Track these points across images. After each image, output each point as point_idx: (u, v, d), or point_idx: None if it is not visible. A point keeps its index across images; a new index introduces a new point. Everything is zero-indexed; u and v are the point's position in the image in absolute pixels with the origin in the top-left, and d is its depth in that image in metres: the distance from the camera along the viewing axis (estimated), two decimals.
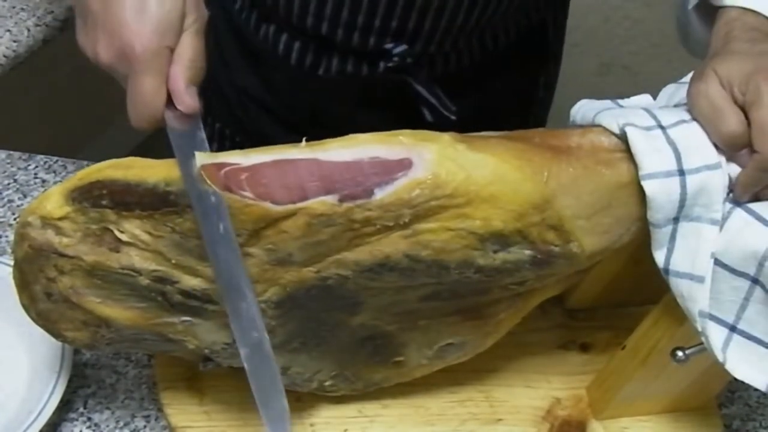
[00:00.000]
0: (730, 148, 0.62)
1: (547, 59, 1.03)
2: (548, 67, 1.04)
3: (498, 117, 0.94)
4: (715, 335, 0.64)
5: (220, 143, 1.01)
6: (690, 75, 0.67)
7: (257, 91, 0.97)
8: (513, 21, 0.94)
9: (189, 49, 0.62)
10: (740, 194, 0.63)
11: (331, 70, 0.91)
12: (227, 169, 0.58)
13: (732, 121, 0.62)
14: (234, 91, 0.98)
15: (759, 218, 0.62)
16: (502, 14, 0.90)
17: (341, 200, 0.59)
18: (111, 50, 0.61)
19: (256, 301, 0.59)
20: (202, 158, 0.58)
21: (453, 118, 0.88)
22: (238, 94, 0.98)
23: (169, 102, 0.61)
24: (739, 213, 0.63)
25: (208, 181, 0.56)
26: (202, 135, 0.61)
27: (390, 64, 0.88)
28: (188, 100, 0.61)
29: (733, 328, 0.64)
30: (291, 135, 0.62)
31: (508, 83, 0.99)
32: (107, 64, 0.62)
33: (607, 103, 0.69)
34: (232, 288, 0.59)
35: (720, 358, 0.64)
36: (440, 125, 0.81)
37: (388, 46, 0.87)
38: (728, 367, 0.64)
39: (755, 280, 0.62)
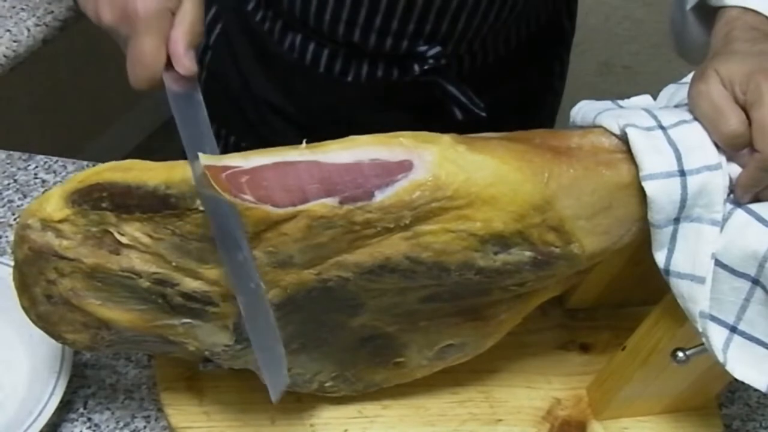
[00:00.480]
0: (732, 148, 0.62)
1: (561, 48, 1.04)
2: (562, 55, 1.05)
3: (520, 109, 0.95)
4: (716, 336, 0.64)
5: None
6: (690, 75, 0.67)
7: (277, 99, 0.96)
8: (534, 14, 0.95)
9: (189, 14, 0.63)
10: (741, 195, 0.63)
11: (361, 75, 0.91)
12: (228, 172, 0.58)
13: (733, 121, 0.61)
14: (251, 102, 0.98)
15: (759, 219, 0.62)
16: (526, 8, 0.90)
17: (341, 202, 0.59)
18: (113, 11, 0.63)
19: (250, 252, 0.59)
20: (205, 161, 0.58)
21: (483, 114, 0.89)
22: (256, 105, 0.98)
23: (168, 64, 0.62)
24: (739, 213, 0.63)
25: (213, 184, 0.56)
26: (199, 97, 0.63)
27: (426, 67, 0.88)
28: (187, 62, 0.62)
29: (733, 329, 0.64)
30: (313, 142, 0.63)
31: (528, 75, 1.00)
32: (109, 25, 0.63)
33: (608, 103, 0.69)
34: (228, 239, 0.59)
35: (720, 358, 0.64)
36: (470, 123, 0.82)
37: (422, 48, 0.88)
38: (728, 367, 0.64)
39: (756, 281, 0.62)
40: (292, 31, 0.91)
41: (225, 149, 1.00)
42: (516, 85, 0.99)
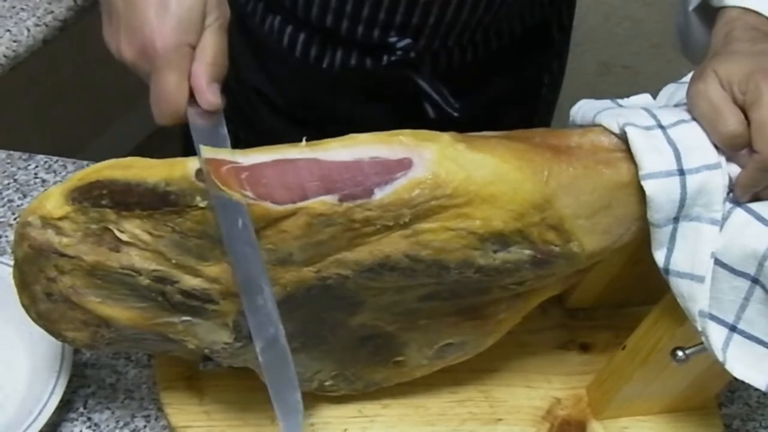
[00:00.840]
0: (730, 148, 0.62)
1: (550, 57, 1.03)
2: (552, 65, 1.04)
3: (500, 115, 0.95)
4: (715, 335, 0.64)
5: None
6: (690, 75, 0.67)
7: (265, 86, 0.97)
8: (517, 18, 0.94)
9: (210, 47, 0.63)
10: (740, 195, 0.63)
11: (335, 63, 0.91)
12: (227, 167, 0.58)
13: (731, 122, 0.62)
14: (241, 88, 0.98)
15: (759, 218, 0.62)
16: (507, 11, 0.90)
17: (341, 200, 0.59)
18: (133, 47, 0.62)
19: (272, 296, 0.59)
20: (207, 154, 0.58)
21: (455, 114, 0.89)
22: (245, 91, 0.98)
23: (192, 99, 0.61)
24: (739, 212, 0.63)
25: (218, 183, 0.56)
26: (224, 132, 0.62)
27: (393, 58, 0.88)
28: (210, 97, 0.61)
29: (733, 328, 0.64)
30: (296, 130, 0.62)
31: (511, 81, 0.99)
32: (130, 61, 0.63)
33: (607, 102, 0.69)
34: (249, 282, 0.59)
35: (720, 357, 0.64)
36: (443, 122, 0.81)
37: (392, 39, 0.88)
38: (728, 366, 0.64)
39: (755, 280, 0.62)
40: (272, 13, 0.91)
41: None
42: (497, 90, 0.98)
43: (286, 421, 0.62)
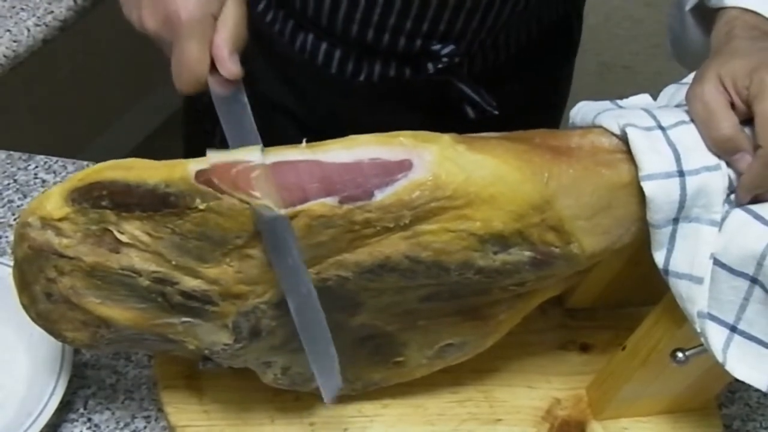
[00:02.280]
0: (722, 152, 0.62)
1: (568, 51, 1.04)
2: (570, 58, 1.05)
3: (529, 109, 0.95)
4: (715, 336, 0.64)
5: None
6: (691, 75, 0.67)
7: (287, 101, 0.96)
8: (546, 12, 0.95)
9: (232, 17, 0.63)
10: (743, 195, 0.63)
11: (374, 75, 0.91)
12: (238, 168, 0.58)
13: (724, 125, 0.62)
14: (257, 103, 0.98)
15: (758, 218, 0.62)
16: (535, 6, 0.90)
17: (341, 202, 0.59)
18: (156, 18, 0.63)
19: (301, 258, 0.60)
20: (214, 158, 0.58)
21: (495, 112, 0.89)
22: (262, 106, 0.98)
23: (213, 68, 0.62)
24: (737, 213, 0.63)
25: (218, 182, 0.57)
26: (245, 99, 0.63)
27: (440, 65, 0.88)
28: (231, 66, 0.62)
29: (733, 329, 0.64)
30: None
31: (537, 75, 1.00)
32: (153, 31, 0.64)
33: (607, 104, 0.69)
34: (278, 246, 0.60)
35: (720, 358, 0.64)
36: (482, 121, 0.82)
37: (436, 47, 0.88)
38: (728, 367, 0.64)
39: (754, 280, 0.62)
40: (304, 32, 0.91)
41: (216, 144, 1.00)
42: (525, 84, 0.98)
43: (324, 377, 0.63)
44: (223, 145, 0.62)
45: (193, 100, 1.02)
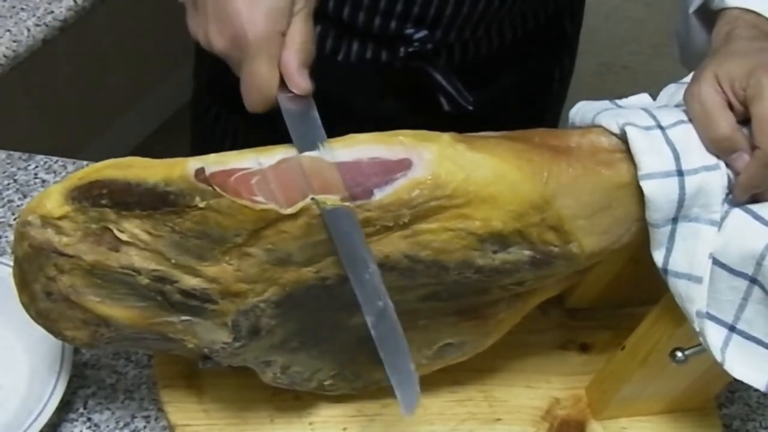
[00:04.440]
0: (720, 151, 0.62)
1: (562, 51, 1.04)
2: (563, 59, 1.05)
3: (513, 109, 0.95)
4: (714, 335, 0.64)
5: (232, 138, 1.01)
6: (691, 75, 0.67)
7: None
8: (531, 11, 0.94)
9: (299, 33, 0.64)
10: (741, 195, 0.63)
11: (351, 55, 0.91)
12: (237, 175, 0.58)
13: (720, 125, 0.62)
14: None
15: (757, 217, 0.62)
16: (521, 3, 0.90)
17: (341, 201, 0.59)
18: (224, 37, 0.63)
19: (378, 271, 0.60)
20: (210, 165, 0.58)
21: (470, 108, 0.89)
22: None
23: (282, 84, 0.63)
24: (737, 212, 0.63)
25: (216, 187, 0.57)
26: (316, 114, 0.63)
27: (410, 50, 0.88)
28: (301, 82, 0.63)
29: (732, 328, 0.64)
30: None
31: (523, 75, 1.00)
32: (220, 50, 0.64)
33: (606, 103, 0.69)
34: (356, 259, 0.60)
35: (719, 358, 0.64)
36: (457, 115, 0.81)
37: (409, 31, 0.88)
38: (727, 367, 0.64)
39: (753, 280, 0.62)
40: None
41: (233, 138, 1.00)
42: (510, 84, 0.98)
43: (403, 390, 0.63)
44: None
45: (203, 90, 1.02)
